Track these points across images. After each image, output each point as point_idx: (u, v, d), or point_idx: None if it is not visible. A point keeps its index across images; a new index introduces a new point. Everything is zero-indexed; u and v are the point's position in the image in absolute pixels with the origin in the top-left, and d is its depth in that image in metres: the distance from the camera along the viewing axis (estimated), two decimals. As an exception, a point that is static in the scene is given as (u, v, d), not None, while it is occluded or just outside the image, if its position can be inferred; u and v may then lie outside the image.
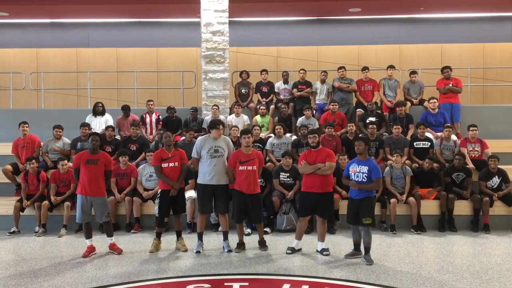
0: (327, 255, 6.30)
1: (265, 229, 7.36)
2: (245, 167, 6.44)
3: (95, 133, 6.80)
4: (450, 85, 9.91)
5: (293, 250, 6.46)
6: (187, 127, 9.36)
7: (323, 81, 10.26)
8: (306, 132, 6.90)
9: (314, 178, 6.30)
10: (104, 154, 6.64)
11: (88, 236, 6.47)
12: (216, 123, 6.55)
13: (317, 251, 6.47)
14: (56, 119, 9.72)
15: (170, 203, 6.60)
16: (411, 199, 7.90)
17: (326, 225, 6.54)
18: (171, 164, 6.57)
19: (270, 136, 9.17)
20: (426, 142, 8.85)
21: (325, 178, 6.31)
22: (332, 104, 9.64)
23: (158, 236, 6.70)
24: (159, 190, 6.72)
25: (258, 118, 9.84)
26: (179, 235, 6.72)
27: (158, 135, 8.92)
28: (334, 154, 6.50)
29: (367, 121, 9.31)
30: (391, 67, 10.29)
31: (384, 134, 9.34)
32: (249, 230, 7.46)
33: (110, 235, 6.58)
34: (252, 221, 6.82)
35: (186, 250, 6.55)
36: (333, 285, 5.13)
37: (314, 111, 9.94)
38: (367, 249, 6.02)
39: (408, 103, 9.94)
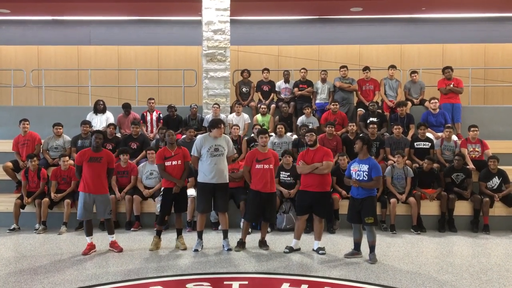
0: (323, 254, 6.32)
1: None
2: (262, 165, 6.48)
3: (99, 131, 6.84)
4: (451, 85, 9.90)
5: (290, 249, 6.46)
6: (186, 125, 9.37)
7: (323, 81, 10.26)
8: (304, 131, 6.94)
9: (313, 177, 6.33)
10: (107, 152, 6.67)
11: (89, 233, 6.48)
12: (217, 122, 6.55)
13: (313, 250, 6.48)
14: (57, 116, 9.74)
15: (172, 201, 6.61)
16: (411, 199, 7.90)
17: (323, 224, 6.55)
18: (174, 162, 6.59)
19: (271, 135, 9.17)
20: (427, 143, 8.85)
21: (323, 177, 6.34)
22: (333, 103, 9.64)
23: (158, 234, 6.70)
24: (162, 188, 6.74)
25: (259, 117, 9.84)
26: (179, 233, 6.72)
27: (160, 134, 8.89)
28: (331, 153, 6.55)
29: (368, 121, 9.30)
30: (392, 67, 10.29)
31: (385, 134, 9.34)
32: (249, 229, 7.46)
33: (111, 232, 6.60)
34: (265, 219, 6.80)
35: (185, 249, 6.55)
36: (333, 285, 5.13)
37: (314, 112, 9.94)
38: (372, 248, 6.04)
39: (409, 103, 9.93)
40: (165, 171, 6.59)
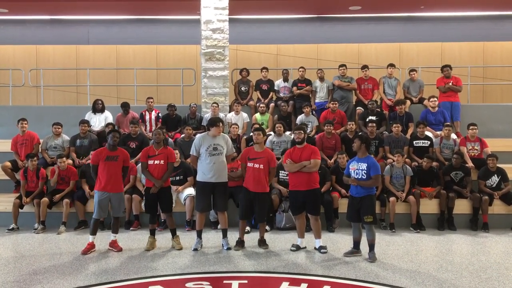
0: (324, 252, 6.32)
1: (264, 227, 7.37)
2: (252, 164, 6.48)
3: (115, 130, 6.87)
4: (450, 83, 9.90)
5: (297, 248, 6.49)
6: (185, 124, 9.35)
7: (321, 79, 10.25)
8: (295, 128, 6.96)
9: (301, 176, 6.34)
10: (123, 150, 6.68)
11: (94, 232, 6.48)
12: (215, 121, 6.55)
13: (315, 248, 6.48)
14: (55, 116, 9.72)
15: (154, 201, 6.59)
16: (411, 197, 7.90)
17: (319, 221, 6.55)
18: (156, 162, 6.58)
19: (270, 134, 9.16)
20: (426, 141, 8.85)
21: (310, 175, 6.36)
22: (332, 102, 9.63)
23: (152, 233, 6.68)
24: (145, 187, 6.76)
25: (257, 116, 9.83)
26: (173, 234, 6.70)
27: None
28: (318, 151, 6.56)
29: (367, 120, 9.30)
30: (391, 65, 10.29)
31: (384, 132, 9.34)
32: (248, 228, 7.46)
33: (115, 231, 6.59)
34: (255, 219, 6.83)
35: (180, 248, 6.53)
36: (332, 283, 5.13)
37: (313, 111, 9.93)
38: (371, 246, 6.04)
39: (408, 102, 9.92)
40: (147, 169, 6.60)
